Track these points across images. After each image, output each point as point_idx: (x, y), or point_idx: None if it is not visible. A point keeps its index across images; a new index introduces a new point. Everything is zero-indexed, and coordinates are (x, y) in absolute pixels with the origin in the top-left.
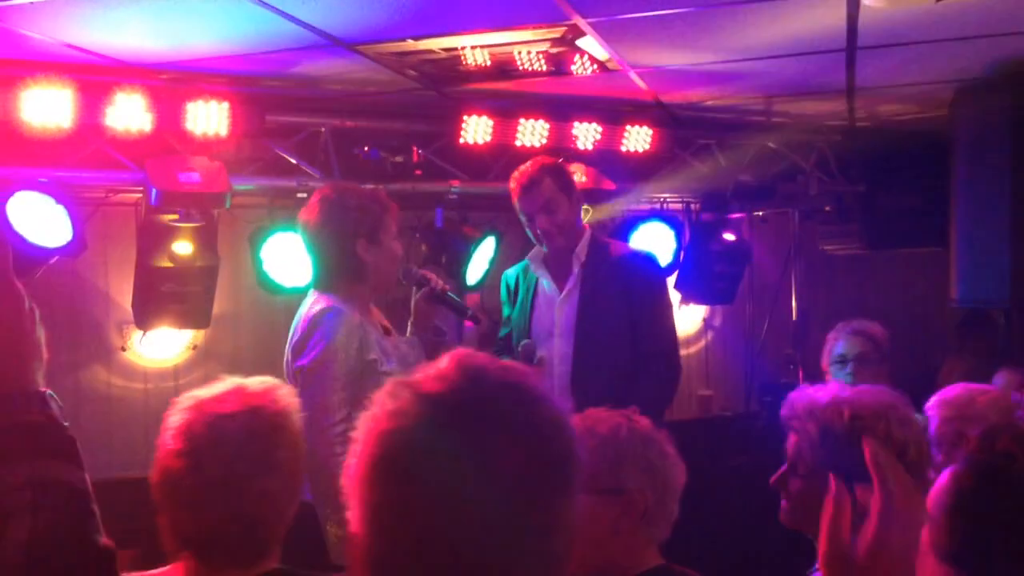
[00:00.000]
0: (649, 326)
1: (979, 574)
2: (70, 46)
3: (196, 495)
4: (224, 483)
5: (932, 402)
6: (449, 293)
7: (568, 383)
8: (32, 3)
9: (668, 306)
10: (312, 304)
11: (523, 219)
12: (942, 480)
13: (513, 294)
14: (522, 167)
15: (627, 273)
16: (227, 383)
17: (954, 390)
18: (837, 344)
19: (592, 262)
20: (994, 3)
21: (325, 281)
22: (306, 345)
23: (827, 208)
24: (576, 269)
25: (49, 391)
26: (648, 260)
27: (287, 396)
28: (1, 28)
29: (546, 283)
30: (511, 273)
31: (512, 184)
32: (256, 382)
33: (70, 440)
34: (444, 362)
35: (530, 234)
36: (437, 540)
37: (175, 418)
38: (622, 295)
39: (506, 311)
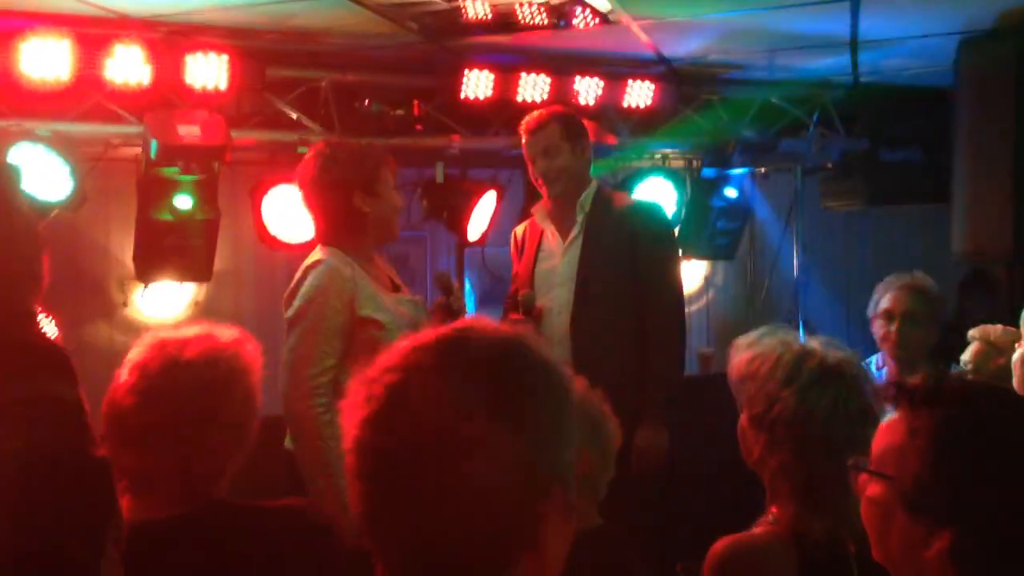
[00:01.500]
0: (655, 282)
1: (970, 523)
2: None
3: (139, 434)
4: (167, 428)
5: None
6: (460, 315)
7: (567, 332)
8: None
9: (675, 260)
10: (310, 257)
11: (529, 165)
12: (899, 436)
13: (521, 248)
14: (533, 112)
15: (632, 223)
16: (198, 328)
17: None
18: (885, 297)
19: (596, 212)
20: None
21: (326, 235)
22: (293, 297)
23: (829, 165)
24: (579, 218)
25: (43, 312)
26: (654, 210)
27: (252, 352)
28: None
29: (549, 233)
30: (520, 228)
31: (521, 128)
32: (227, 334)
33: (64, 357)
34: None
35: (534, 182)
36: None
37: (135, 352)
38: (627, 245)
39: (515, 266)
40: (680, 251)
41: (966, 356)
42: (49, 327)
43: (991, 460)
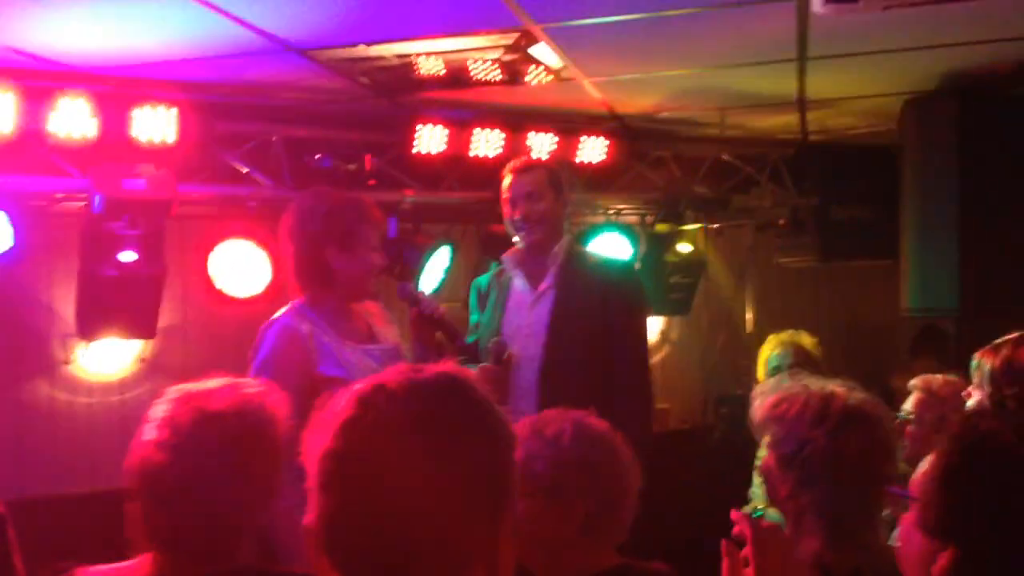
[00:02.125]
0: (627, 340)
1: (967, 542)
2: (13, 50)
3: (172, 490)
4: (201, 483)
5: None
6: (441, 318)
7: (535, 384)
8: None
9: (644, 319)
10: (276, 313)
11: (505, 209)
12: (928, 463)
13: (484, 298)
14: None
15: (605, 279)
16: (223, 380)
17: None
18: (772, 355)
19: (569, 265)
20: (940, 11)
21: (295, 285)
22: (252, 357)
23: (781, 221)
24: (552, 270)
25: None
26: (629, 271)
27: (278, 403)
28: None
29: (519, 283)
30: (483, 278)
31: (506, 169)
32: (252, 384)
33: None
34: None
35: (508, 225)
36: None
37: (161, 408)
38: (599, 301)
39: (473, 318)
40: (648, 310)
41: (907, 406)
42: None
43: (989, 485)
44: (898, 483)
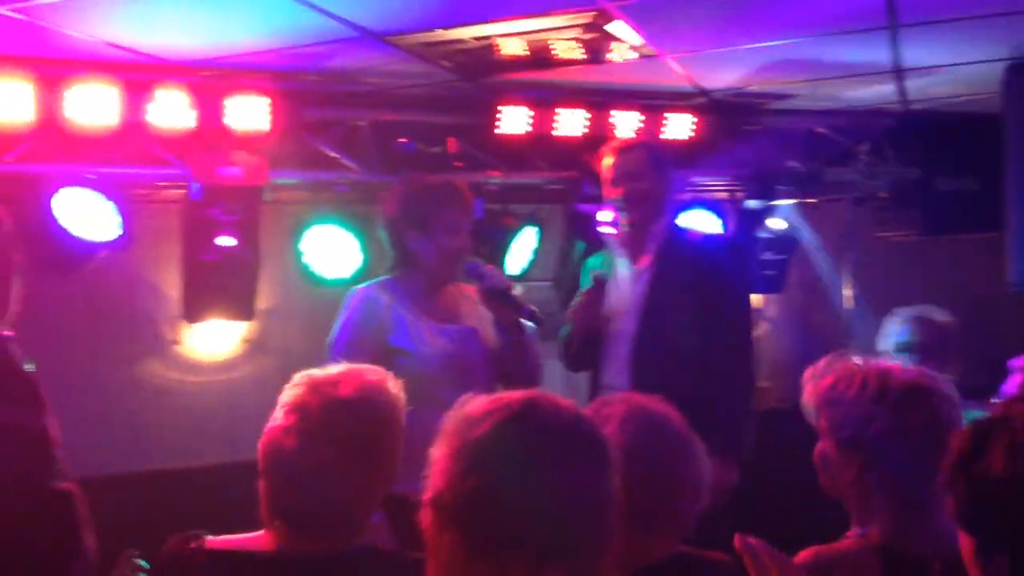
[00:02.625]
0: (722, 327)
1: (985, 534)
2: (111, 44)
3: (301, 473)
4: (330, 468)
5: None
6: (506, 291)
7: (629, 361)
8: (70, 0)
9: (743, 305)
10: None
11: (606, 188)
12: (949, 444)
13: (594, 277)
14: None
15: (704, 260)
16: (341, 366)
17: None
18: (901, 331)
19: (669, 245)
20: None
21: (386, 264)
22: (337, 320)
23: (882, 194)
24: (652, 248)
25: (10, 334)
26: (728, 249)
27: (396, 387)
28: (43, 27)
29: (622, 262)
30: (594, 259)
31: (606, 149)
32: (371, 370)
33: (28, 383)
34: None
35: (610, 206)
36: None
37: (290, 393)
38: (696, 282)
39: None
40: (751, 289)
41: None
42: (14, 349)
43: (1001, 473)
44: None
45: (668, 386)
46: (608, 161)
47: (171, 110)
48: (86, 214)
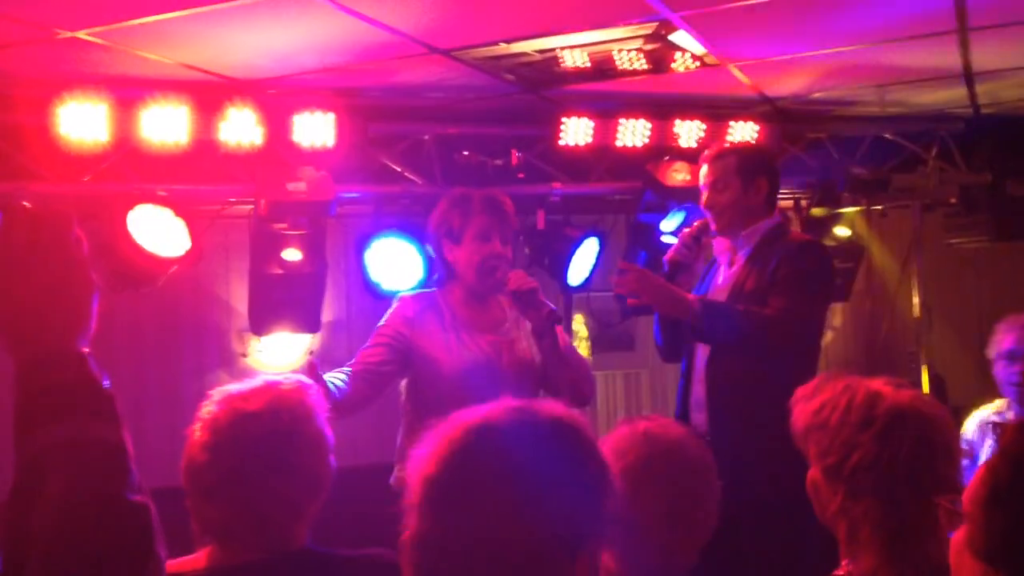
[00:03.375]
0: (774, 292)
1: (1016, 571)
2: (185, 66)
3: (214, 487)
4: (238, 480)
5: None
6: (528, 292)
7: (703, 370)
8: (145, 24)
9: (805, 286)
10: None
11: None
12: (978, 474)
13: (703, 278)
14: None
15: (783, 256)
16: (260, 380)
17: None
18: (1008, 338)
19: (761, 250)
20: None
21: (434, 277)
22: None
23: (951, 200)
24: (739, 253)
25: (88, 351)
26: (805, 246)
27: (315, 398)
28: (120, 51)
29: (721, 267)
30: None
31: (703, 156)
32: (289, 381)
33: (107, 398)
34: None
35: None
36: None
37: (205, 410)
38: (771, 277)
39: None
40: (825, 292)
41: None
42: (93, 365)
43: None
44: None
45: (742, 401)
46: (702, 170)
47: (240, 128)
48: (158, 231)
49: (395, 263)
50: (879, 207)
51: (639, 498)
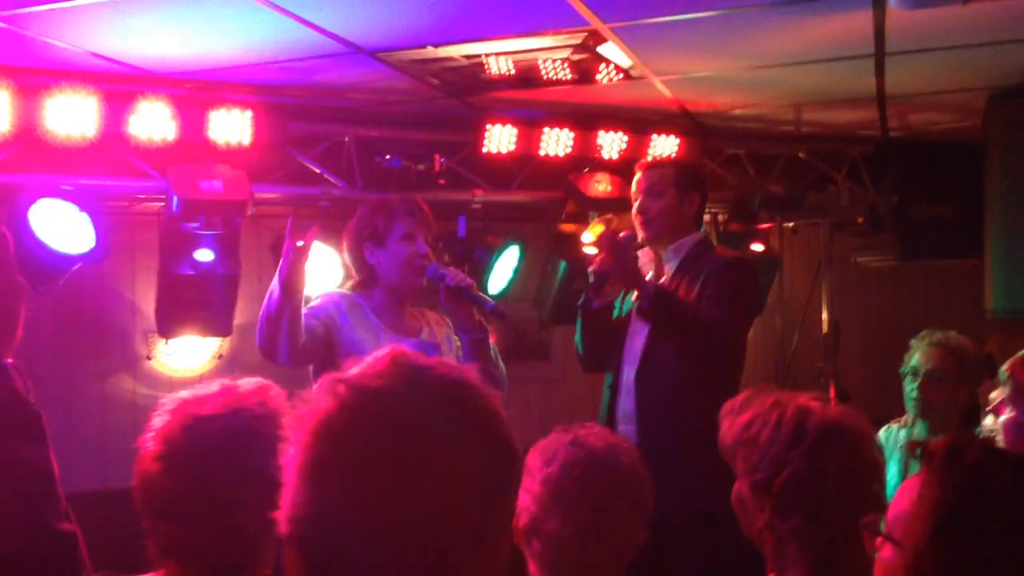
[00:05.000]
0: (704, 301)
1: None
2: (94, 55)
3: (172, 501)
4: (199, 489)
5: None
6: (468, 288)
7: (632, 381)
8: (53, 10)
9: (734, 296)
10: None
11: (633, 204)
12: (910, 500)
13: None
14: None
15: (710, 272)
16: (216, 384)
17: None
18: (915, 354)
19: (687, 264)
20: None
21: (351, 284)
22: None
23: (860, 219)
24: (668, 267)
25: (12, 362)
26: (735, 263)
27: (278, 399)
28: (26, 36)
29: (650, 278)
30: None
31: (637, 165)
32: (248, 383)
33: (33, 415)
34: (378, 358)
35: (633, 220)
36: (379, 539)
37: (157, 420)
38: (699, 294)
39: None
40: (752, 307)
41: (993, 394)
42: (18, 378)
43: (988, 539)
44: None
45: (670, 414)
46: (636, 177)
47: (152, 122)
48: (61, 226)
49: (313, 267)
50: (790, 224)
51: (561, 507)
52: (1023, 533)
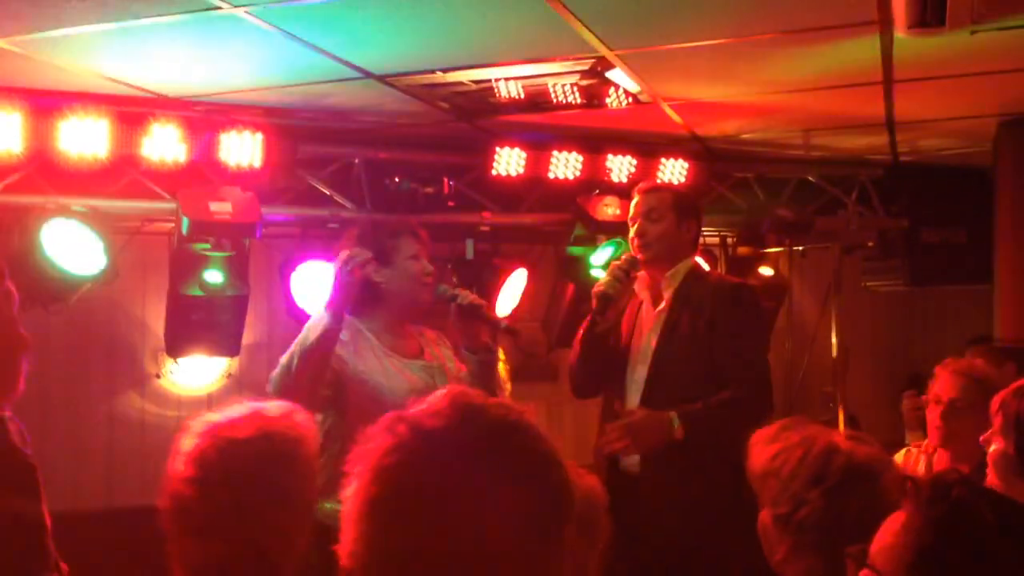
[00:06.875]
0: (729, 356)
1: None
2: (107, 78)
3: (205, 523)
4: (233, 511)
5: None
6: (480, 308)
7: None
8: (68, 36)
9: (754, 337)
10: None
11: (630, 226)
12: (893, 533)
13: (621, 315)
14: None
15: (717, 302)
16: (244, 407)
17: None
18: (936, 381)
19: (685, 289)
20: None
21: (353, 306)
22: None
23: (869, 243)
24: (667, 292)
25: (9, 415)
26: (740, 289)
27: (305, 422)
28: (41, 60)
29: (645, 306)
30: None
31: (635, 189)
32: (274, 406)
33: (27, 468)
34: (438, 398)
35: (630, 243)
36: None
37: (187, 442)
38: (708, 325)
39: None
40: (767, 335)
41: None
42: (14, 430)
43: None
44: None
45: (677, 447)
46: (634, 200)
47: (164, 144)
48: (73, 246)
49: (321, 288)
50: (800, 248)
51: None
52: (1002, 572)
